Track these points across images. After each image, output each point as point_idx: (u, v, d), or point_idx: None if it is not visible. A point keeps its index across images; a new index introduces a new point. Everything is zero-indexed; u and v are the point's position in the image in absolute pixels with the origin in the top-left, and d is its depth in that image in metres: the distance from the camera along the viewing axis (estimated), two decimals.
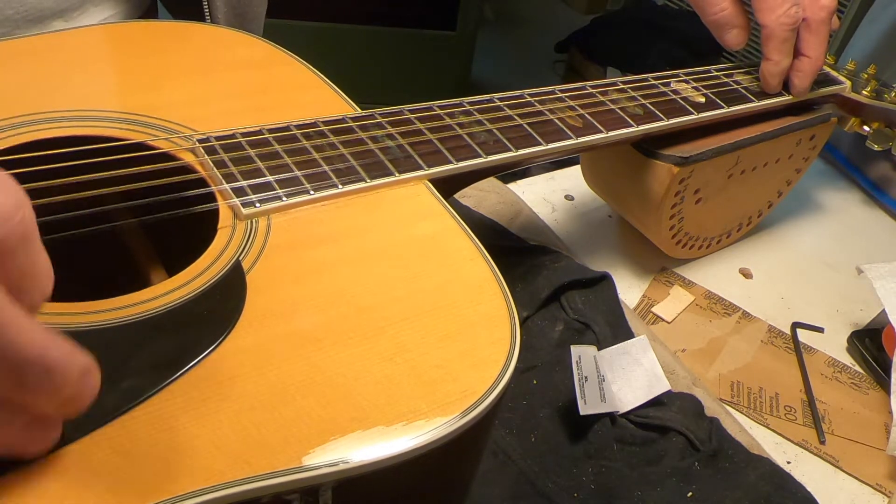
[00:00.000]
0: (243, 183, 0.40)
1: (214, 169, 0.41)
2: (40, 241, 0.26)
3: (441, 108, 0.49)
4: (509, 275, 0.40)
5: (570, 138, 0.50)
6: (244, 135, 0.44)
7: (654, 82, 0.60)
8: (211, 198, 0.40)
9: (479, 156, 0.46)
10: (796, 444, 0.57)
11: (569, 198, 0.75)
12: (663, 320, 0.64)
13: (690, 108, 0.58)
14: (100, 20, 0.59)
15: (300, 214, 0.40)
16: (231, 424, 0.30)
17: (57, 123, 0.42)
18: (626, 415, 0.52)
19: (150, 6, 0.66)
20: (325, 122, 0.46)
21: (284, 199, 0.40)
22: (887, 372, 0.60)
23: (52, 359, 0.25)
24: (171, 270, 0.37)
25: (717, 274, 0.70)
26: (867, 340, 0.64)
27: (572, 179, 0.75)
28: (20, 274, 0.25)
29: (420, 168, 0.44)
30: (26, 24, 0.55)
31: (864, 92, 0.69)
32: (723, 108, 0.59)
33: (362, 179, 0.42)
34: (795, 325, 0.66)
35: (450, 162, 0.45)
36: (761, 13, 0.60)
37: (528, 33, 2.80)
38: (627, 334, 0.58)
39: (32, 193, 0.36)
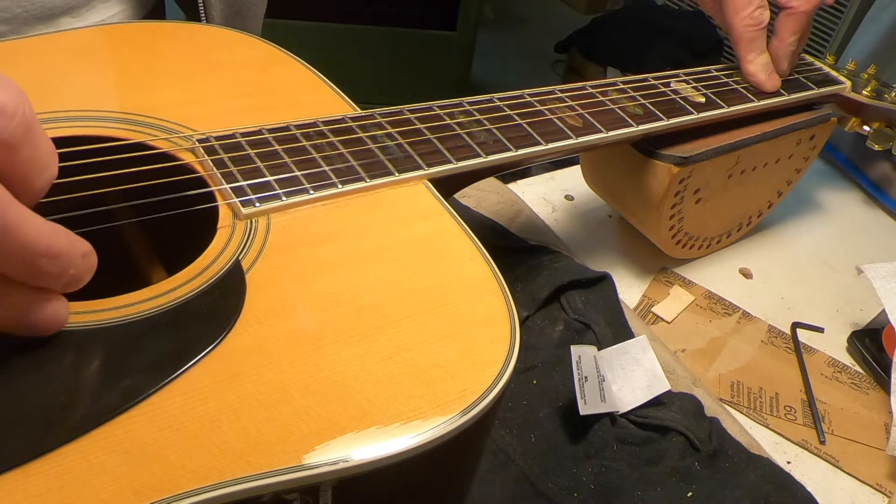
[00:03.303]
0: (243, 183, 0.40)
1: (214, 169, 0.41)
2: (41, 128, 0.28)
3: (441, 108, 0.49)
4: (509, 275, 0.40)
5: (570, 138, 0.50)
6: (244, 135, 0.44)
7: (654, 82, 0.60)
8: (211, 197, 0.40)
9: (478, 155, 0.46)
10: (796, 444, 0.57)
11: (569, 198, 0.75)
12: (663, 320, 0.64)
13: (690, 108, 0.58)
14: (108, 16, 0.59)
15: (300, 214, 0.40)
16: (231, 423, 0.30)
17: (57, 123, 0.42)
18: (626, 415, 0.52)
19: (157, 3, 0.66)
20: (325, 122, 0.46)
21: (284, 198, 0.40)
22: (887, 372, 0.60)
23: (58, 247, 0.29)
24: (171, 270, 0.37)
25: (717, 274, 0.70)
26: (867, 340, 0.64)
27: (572, 179, 0.75)
28: (28, 165, 0.28)
29: (420, 168, 0.44)
30: (35, 21, 0.54)
31: (864, 92, 0.69)
32: (723, 107, 0.59)
33: (362, 179, 0.42)
34: (795, 325, 0.66)
35: (449, 162, 0.45)
36: (728, 14, 0.61)
37: (528, 33, 2.80)
38: (627, 334, 0.58)
39: None
